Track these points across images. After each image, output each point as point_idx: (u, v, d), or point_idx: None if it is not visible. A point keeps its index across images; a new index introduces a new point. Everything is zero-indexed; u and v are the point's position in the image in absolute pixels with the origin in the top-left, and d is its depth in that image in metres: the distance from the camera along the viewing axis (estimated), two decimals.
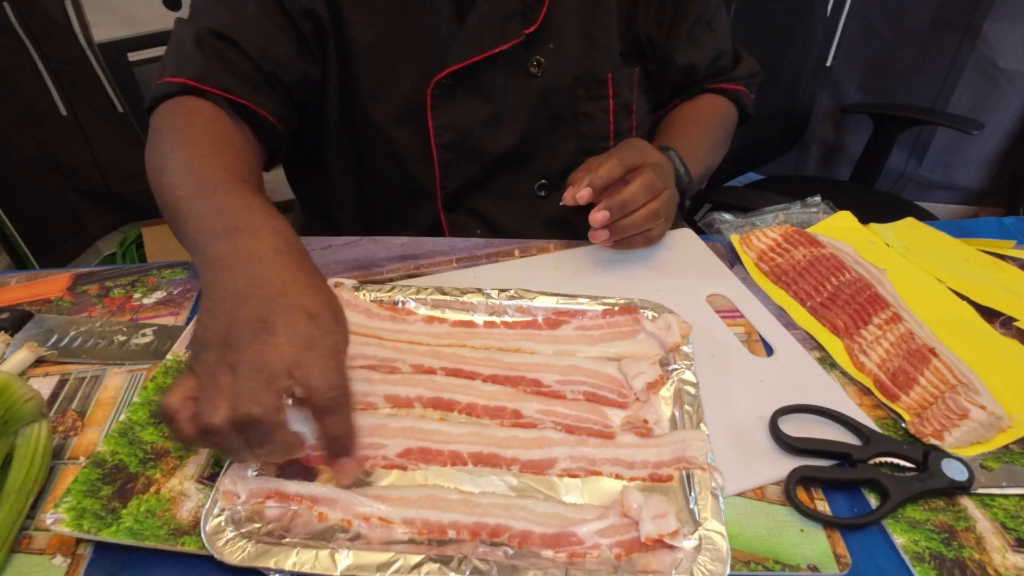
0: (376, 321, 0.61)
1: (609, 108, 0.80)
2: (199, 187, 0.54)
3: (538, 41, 0.74)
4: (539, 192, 0.83)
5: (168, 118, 0.64)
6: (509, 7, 0.71)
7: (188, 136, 0.61)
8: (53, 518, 0.43)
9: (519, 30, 0.72)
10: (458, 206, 0.82)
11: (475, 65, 0.72)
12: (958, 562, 0.44)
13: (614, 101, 0.79)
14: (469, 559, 0.41)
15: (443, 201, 0.81)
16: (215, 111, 0.65)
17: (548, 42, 0.75)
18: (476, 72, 0.73)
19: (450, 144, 0.77)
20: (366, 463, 0.48)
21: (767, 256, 0.72)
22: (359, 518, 0.45)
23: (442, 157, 0.77)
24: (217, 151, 0.59)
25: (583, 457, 0.49)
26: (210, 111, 0.64)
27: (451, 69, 0.72)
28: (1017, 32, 1.60)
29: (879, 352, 0.59)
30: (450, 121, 0.75)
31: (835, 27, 1.72)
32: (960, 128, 1.46)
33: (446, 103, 0.75)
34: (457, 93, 0.74)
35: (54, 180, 1.71)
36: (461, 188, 0.80)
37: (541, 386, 0.55)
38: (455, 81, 0.73)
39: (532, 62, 0.75)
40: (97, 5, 1.51)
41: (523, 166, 0.81)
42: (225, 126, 0.64)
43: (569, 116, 0.79)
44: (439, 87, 0.73)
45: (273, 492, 0.45)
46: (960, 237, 0.75)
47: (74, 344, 0.60)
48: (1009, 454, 0.51)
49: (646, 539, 0.42)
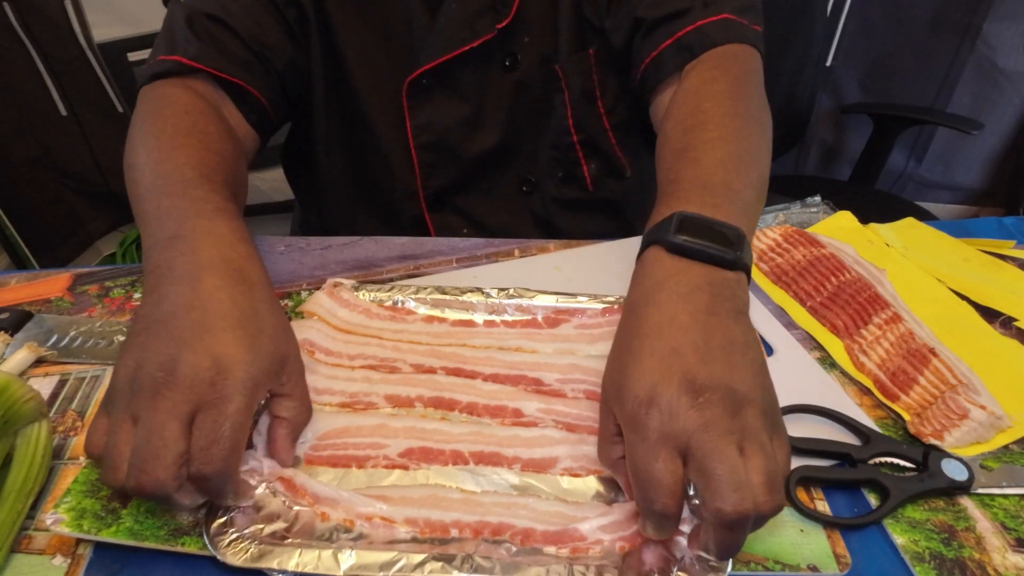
0: (376, 321, 0.61)
1: (565, 100, 0.74)
2: (155, 185, 0.52)
3: (512, 36, 0.71)
4: (524, 189, 0.81)
5: (145, 104, 0.62)
6: (479, 2, 0.69)
7: (158, 126, 0.58)
8: (53, 518, 0.43)
9: (491, 25, 0.69)
10: (443, 206, 0.81)
11: (449, 64, 0.70)
12: (958, 562, 0.44)
13: (569, 92, 0.74)
14: (472, 557, 0.41)
15: (426, 201, 0.80)
16: (192, 98, 0.62)
17: (523, 35, 0.72)
18: (450, 71, 0.71)
19: (428, 144, 0.76)
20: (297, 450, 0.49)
21: (767, 256, 0.72)
22: (361, 518, 0.45)
23: (421, 157, 0.76)
24: (184, 143, 0.56)
25: (584, 456, 0.49)
26: (187, 97, 0.61)
27: (423, 69, 0.71)
28: (1017, 32, 1.60)
29: (879, 352, 0.59)
30: (427, 121, 0.74)
31: (835, 27, 1.72)
32: (960, 128, 1.46)
33: (423, 103, 0.74)
34: (433, 93, 0.73)
35: (54, 180, 1.71)
36: (443, 188, 0.79)
37: (542, 385, 0.55)
38: (431, 81, 0.72)
39: (507, 58, 0.72)
40: (97, 5, 1.51)
41: (506, 164, 0.79)
42: (200, 114, 0.61)
43: (544, 109, 0.76)
44: (414, 87, 0.72)
45: (283, 477, 0.46)
46: (960, 237, 0.75)
47: (74, 344, 0.60)
48: (1009, 454, 0.51)
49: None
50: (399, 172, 0.79)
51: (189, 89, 0.63)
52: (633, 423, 0.38)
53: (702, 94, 0.59)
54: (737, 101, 0.58)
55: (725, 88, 0.59)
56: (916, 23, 1.68)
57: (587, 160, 0.78)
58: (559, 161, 0.79)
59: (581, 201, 0.81)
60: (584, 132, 0.76)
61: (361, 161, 0.80)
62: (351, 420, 0.51)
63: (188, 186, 0.51)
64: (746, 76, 0.61)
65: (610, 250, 0.74)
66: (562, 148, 0.76)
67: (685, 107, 0.59)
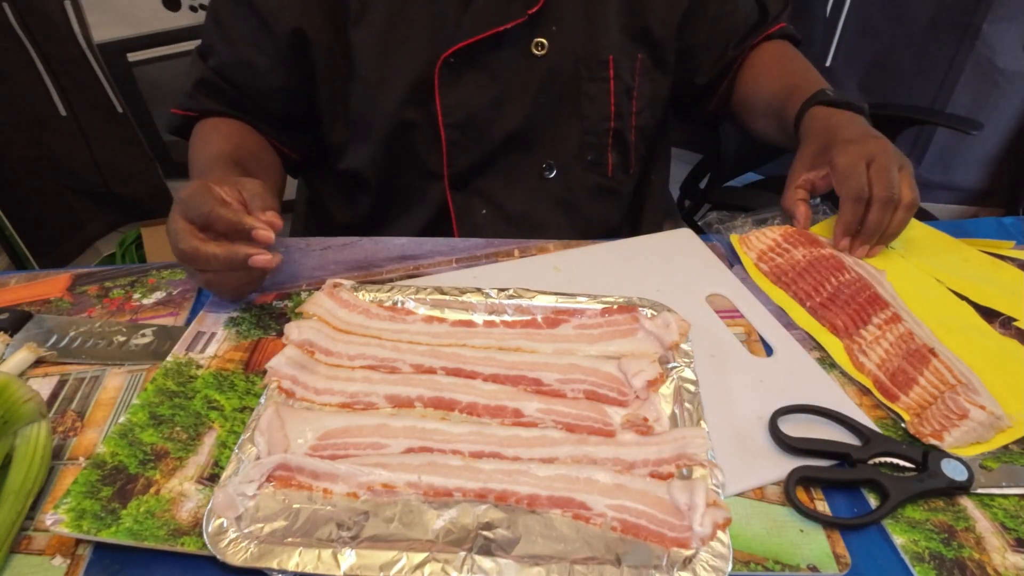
0: (376, 321, 0.61)
1: (610, 90, 0.82)
2: (195, 166, 0.78)
3: (540, 23, 0.78)
4: (545, 173, 0.85)
5: (196, 130, 0.83)
6: None
7: (211, 135, 0.81)
8: (53, 519, 0.44)
9: (522, 10, 0.76)
10: (465, 187, 0.85)
11: (480, 44, 0.76)
12: (958, 562, 0.44)
13: (615, 83, 0.82)
14: (472, 557, 0.41)
15: (450, 181, 0.84)
16: (217, 120, 0.83)
17: (551, 24, 0.78)
18: (481, 51, 0.77)
19: (457, 124, 0.80)
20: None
21: (767, 256, 0.72)
22: (363, 488, 0.45)
23: (450, 136, 0.81)
24: (219, 143, 0.78)
25: (584, 456, 0.49)
26: (214, 120, 0.83)
27: (457, 46, 0.76)
28: (1016, 32, 1.60)
29: (879, 352, 0.59)
30: (458, 101, 0.79)
31: (835, 27, 1.72)
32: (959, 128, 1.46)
33: (453, 82, 0.78)
34: (463, 73, 0.78)
35: (53, 180, 1.71)
36: (468, 169, 0.83)
37: (541, 385, 0.55)
38: (461, 61, 0.77)
39: (535, 44, 0.78)
40: (97, 5, 1.51)
41: (528, 147, 0.84)
42: (222, 123, 0.82)
43: (572, 97, 0.82)
44: (446, 66, 0.77)
45: (280, 465, 0.46)
46: (960, 237, 0.75)
47: (73, 344, 0.60)
48: (1009, 454, 0.51)
49: (702, 540, 0.42)
50: (424, 155, 0.82)
51: (217, 118, 0.84)
52: (849, 162, 0.68)
53: (788, 55, 0.91)
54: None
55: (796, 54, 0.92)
56: (916, 24, 1.68)
57: (612, 149, 0.86)
58: (592, 146, 0.86)
59: (600, 187, 0.88)
60: (619, 122, 0.85)
61: (382, 149, 0.83)
62: (351, 420, 0.51)
63: (212, 163, 0.74)
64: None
65: (609, 251, 0.74)
66: (598, 134, 0.85)
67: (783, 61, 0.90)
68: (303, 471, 0.46)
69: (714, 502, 0.44)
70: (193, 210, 0.58)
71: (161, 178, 1.78)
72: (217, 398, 0.54)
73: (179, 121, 0.83)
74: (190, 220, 0.58)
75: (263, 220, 0.58)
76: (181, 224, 0.58)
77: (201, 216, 0.57)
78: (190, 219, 0.58)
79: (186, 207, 0.58)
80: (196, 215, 0.58)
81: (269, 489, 0.46)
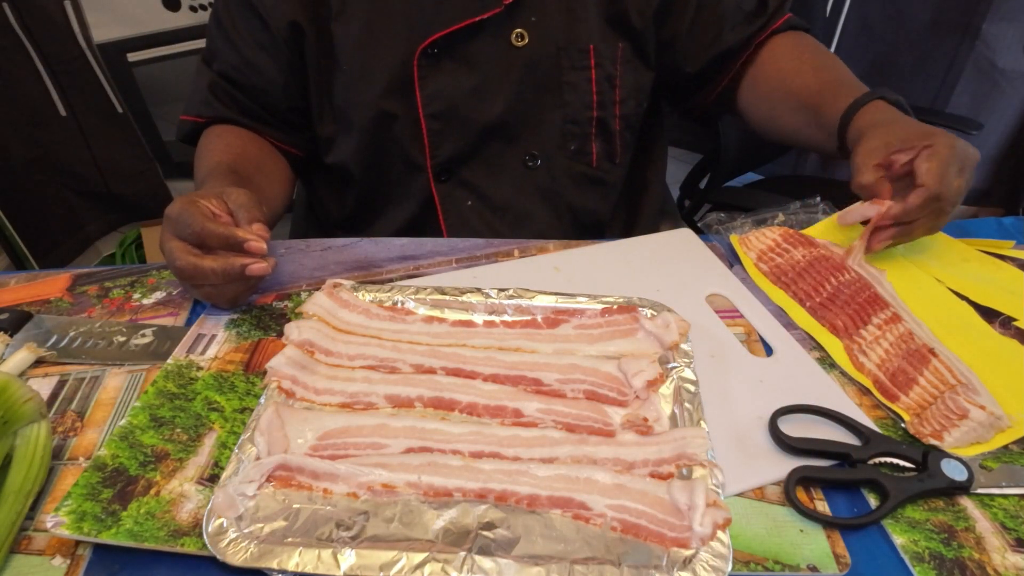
0: (376, 321, 0.61)
1: (592, 78, 0.83)
2: (199, 175, 0.79)
3: (519, 13, 0.78)
4: (529, 163, 0.85)
5: (203, 139, 0.84)
6: None
7: (215, 143, 0.82)
8: (54, 521, 0.44)
9: (498, 1, 0.76)
10: (449, 178, 0.85)
11: (458, 35, 0.77)
12: (958, 562, 0.44)
13: (596, 71, 0.82)
14: (472, 557, 0.41)
15: (434, 172, 0.84)
16: (223, 128, 0.84)
17: (530, 15, 0.79)
18: (460, 42, 0.77)
19: (438, 114, 0.80)
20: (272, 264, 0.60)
21: (766, 256, 0.72)
22: (363, 488, 0.45)
23: (431, 127, 0.81)
24: (220, 153, 0.80)
25: (584, 456, 0.49)
26: (220, 128, 0.84)
27: (435, 36, 0.76)
28: (1016, 32, 1.60)
29: (878, 352, 0.59)
30: (437, 91, 0.79)
31: (835, 27, 1.72)
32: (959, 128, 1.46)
33: (433, 73, 0.79)
34: (443, 63, 0.78)
35: (53, 180, 1.71)
36: (451, 159, 0.84)
37: (541, 385, 0.55)
38: (440, 51, 0.77)
39: (515, 34, 0.79)
40: (97, 5, 1.51)
41: (511, 137, 0.84)
42: (226, 132, 0.83)
43: (554, 87, 0.82)
44: (425, 56, 0.77)
45: (280, 465, 0.46)
46: (960, 237, 0.75)
47: (73, 345, 0.60)
48: (1008, 454, 0.51)
49: (701, 540, 0.42)
50: (407, 146, 0.83)
51: (222, 126, 0.85)
52: (949, 156, 0.64)
53: (811, 47, 0.88)
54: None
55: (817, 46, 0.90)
56: (916, 23, 1.68)
57: (596, 138, 0.86)
58: (575, 136, 0.85)
59: (585, 176, 0.88)
60: (602, 111, 0.85)
61: (366, 142, 0.83)
62: (351, 420, 0.51)
63: (211, 173, 0.75)
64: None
65: (609, 251, 0.74)
66: (580, 123, 0.85)
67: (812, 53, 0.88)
68: (303, 471, 0.46)
69: (714, 502, 0.44)
70: (183, 228, 0.59)
71: (161, 178, 1.78)
72: (217, 399, 0.54)
73: (188, 127, 0.85)
74: (182, 238, 0.59)
75: (253, 232, 0.60)
76: (174, 243, 0.59)
77: (192, 234, 0.59)
78: (182, 237, 0.59)
79: (176, 226, 0.59)
80: (187, 233, 0.59)
81: (269, 489, 0.46)
